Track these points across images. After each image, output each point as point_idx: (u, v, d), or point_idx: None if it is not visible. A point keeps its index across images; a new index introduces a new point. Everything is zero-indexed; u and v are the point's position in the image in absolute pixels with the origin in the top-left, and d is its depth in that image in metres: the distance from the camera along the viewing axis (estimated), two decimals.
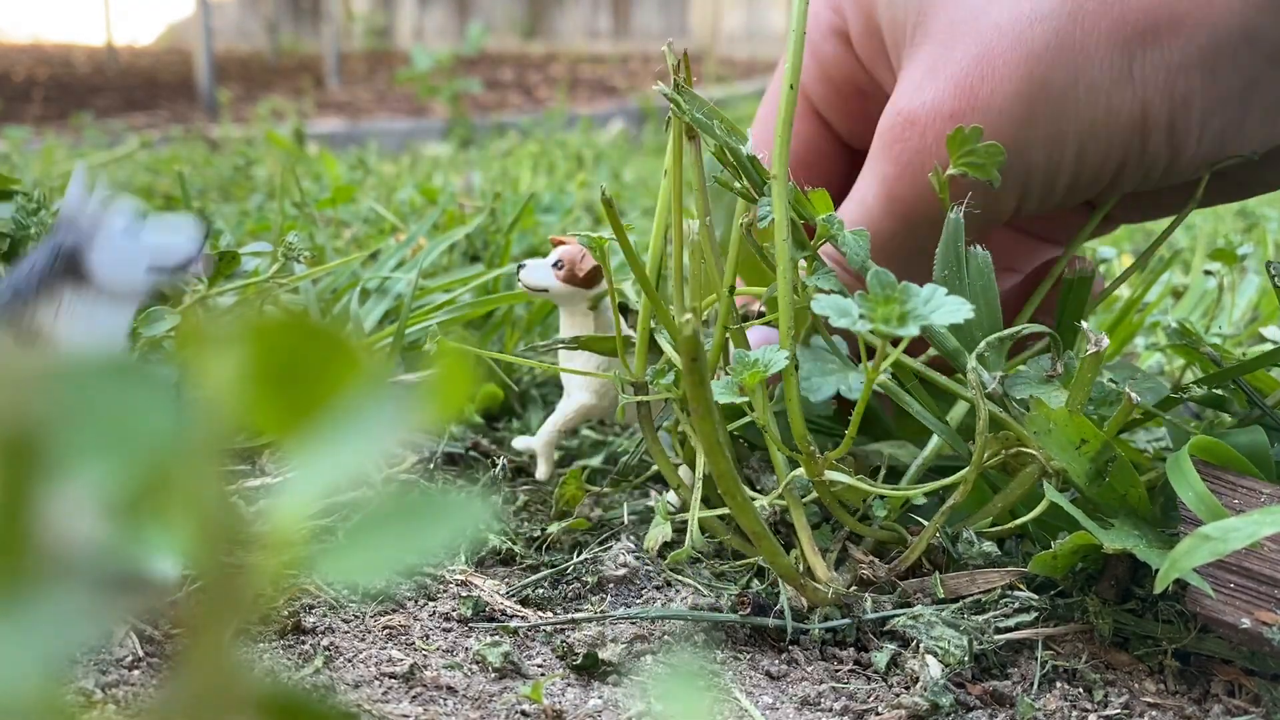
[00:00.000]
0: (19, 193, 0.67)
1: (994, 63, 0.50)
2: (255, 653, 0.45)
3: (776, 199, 0.46)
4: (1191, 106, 0.50)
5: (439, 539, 0.15)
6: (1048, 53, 0.49)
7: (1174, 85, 0.49)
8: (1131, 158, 0.51)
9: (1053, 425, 0.45)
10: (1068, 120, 0.50)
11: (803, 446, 0.47)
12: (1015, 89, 0.50)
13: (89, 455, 0.14)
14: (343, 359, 0.16)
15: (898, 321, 0.40)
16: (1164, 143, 0.51)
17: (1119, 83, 0.49)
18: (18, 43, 8.13)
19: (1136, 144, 0.51)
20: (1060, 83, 0.49)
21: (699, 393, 0.39)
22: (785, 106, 0.46)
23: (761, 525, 0.45)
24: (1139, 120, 0.50)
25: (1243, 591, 0.43)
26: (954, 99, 0.50)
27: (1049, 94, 0.49)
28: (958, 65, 0.50)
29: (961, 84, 0.50)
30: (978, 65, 0.50)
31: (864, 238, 0.47)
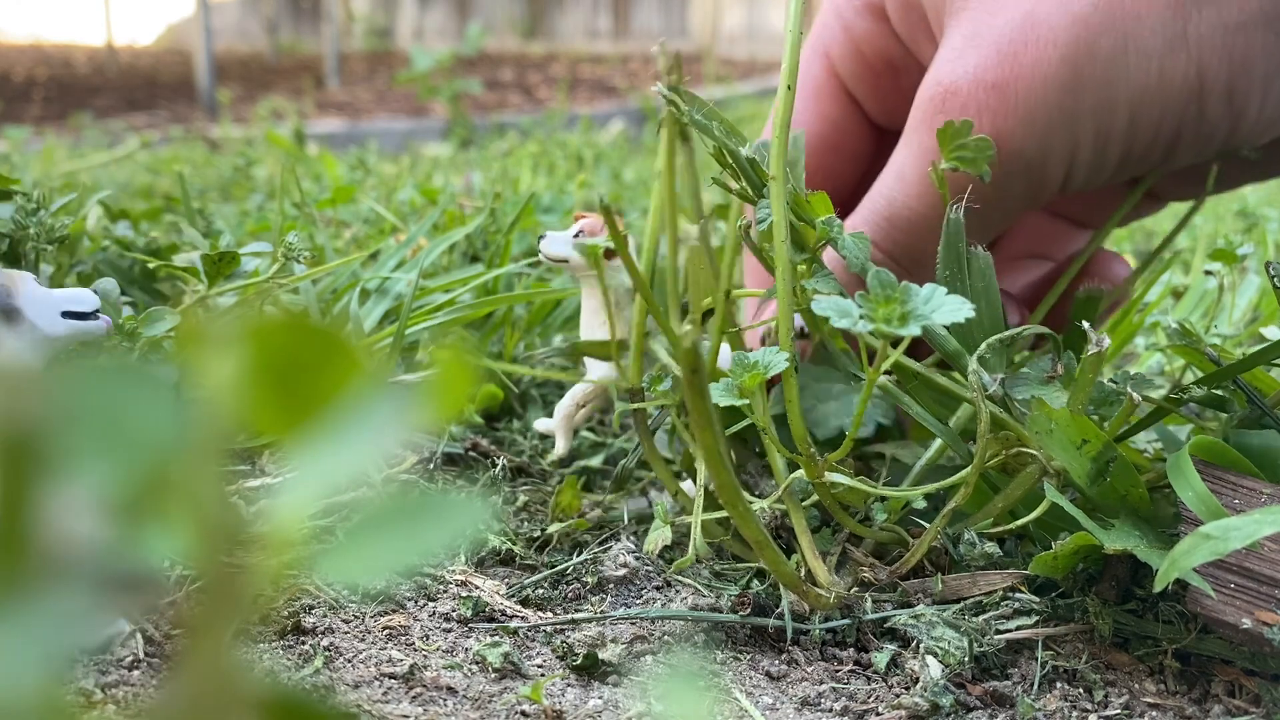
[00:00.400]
0: (19, 193, 0.67)
1: (1038, 28, 0.47)
2: (255, 653, 0.45)
3: (775, 201, 0.45)
4: (1253, 69, 0.47)
5: (439, 539, 0.15)
6: (1095, 15, 0.47)
7: (1232, 47, 0.46)
8: (1188, 126, 0.48)
9: (1054, 426, 0.45)
10: (1118, 87, 0.47)
11: (803, 448, 0.47)
12: (1061, 55, 0.47)
13: (89, 455, 0.14)
14: (343, 359, 0.16)
15: (899, 321, 0.40)
16: (1223, 109, 0.48)
17: (1172, 46, 0.46)
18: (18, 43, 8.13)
19: (1194, 111, 0.48)
20: (1108, 48, 0.47)
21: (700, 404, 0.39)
22: (782, 108, 0.46)
23: (764, 534, 0.45)
24: (1195, 86, 0.47)
25: (1243, 591, 0.43)
26: (997, 66, 0.48)
27: (1096, 60, 0.47)
28: (1000, 31, 0.48)
29: (1005, 51, 0.48)
30: (1021, 31, 0.47)
31: (864, 241, 0.47)
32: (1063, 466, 0.46)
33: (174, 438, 0.14)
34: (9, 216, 0.64)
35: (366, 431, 0.15)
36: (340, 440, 0.15)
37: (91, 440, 0.14)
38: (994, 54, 0.48)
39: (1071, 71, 0.47)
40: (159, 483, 0.14)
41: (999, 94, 0.48)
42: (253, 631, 0.46)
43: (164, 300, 0.80)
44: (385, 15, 8.97)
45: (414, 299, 0.72)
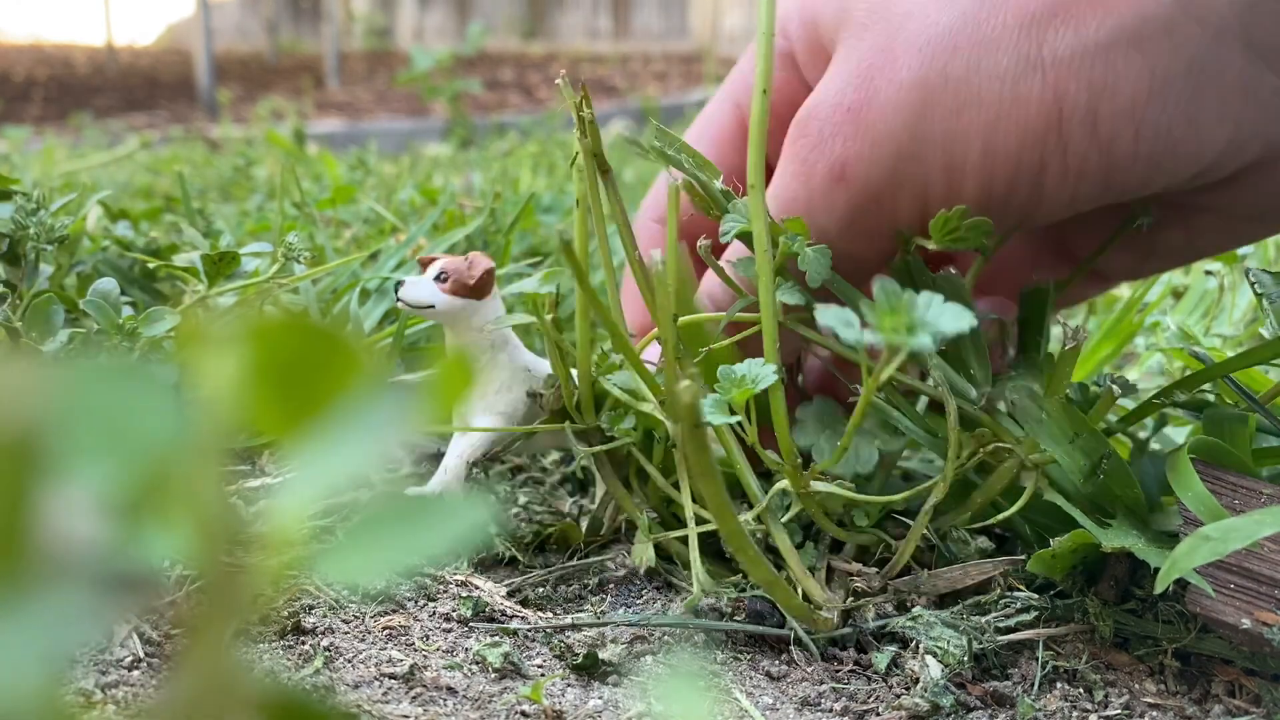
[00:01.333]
0: (19, 193, 0.67)
1: (895, 51, 0.45)
2: (255, 653, 0.45)
3: (754, 211, 0.45)
4: (1119, 93, 0.43)
5: (439, 540, 0.15)
6: (949, 37, 0.44)
7: (1093, 67, 0.43)
8: (1051, 157, 0.44)
9: (1045, 415, 0.45)
10: (969, 114, 0.44)
11: (788, 460, 0.47)
12: (911, 78, 0.45)
13: (89, 455, 0.14)
14: (343, 359, 0.16)
15: (907, 332, 0.39)
16: (1088, 138, 0.44)
17: (1027, 67, 0.43)
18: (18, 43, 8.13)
19: (1054, 139, 0.44)
20: (959, 71, 0.44)
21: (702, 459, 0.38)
22: (759, 113, 0.45)
23: (773, 574, 0.44)
24: (1053, 110, 0.44)
25: (1243, 592, 0.43)
26: (854, 90, 0.46)
27: (947, 84, 0.44)
28: (860, 55, 0.46)
29: (862, 74, 0.46)
30: (880, 54, 0.46)
31: (825, 254, 0.46)
32: (1046, 459, 0.46)
33: (174, 438, 0.14)
34: (9, 216, 0.64)
35: (366, 432, 0.15)
36: (340, 440, 0.15)
37: (91, 440, 0.14)
38: (853, 78, 0.46)
39: (921, 96, 0.45)
40: (159, 483, 0.14)
41: (852, 117, 0.46)
42: (253, 631, 0.46)
43: (164, 300, 0.80)
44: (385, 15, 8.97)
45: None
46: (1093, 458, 0.46)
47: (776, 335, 0.46)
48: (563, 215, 1.21)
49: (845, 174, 0.47)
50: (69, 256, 0.79)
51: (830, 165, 0.47)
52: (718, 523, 0.42)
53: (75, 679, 0.41)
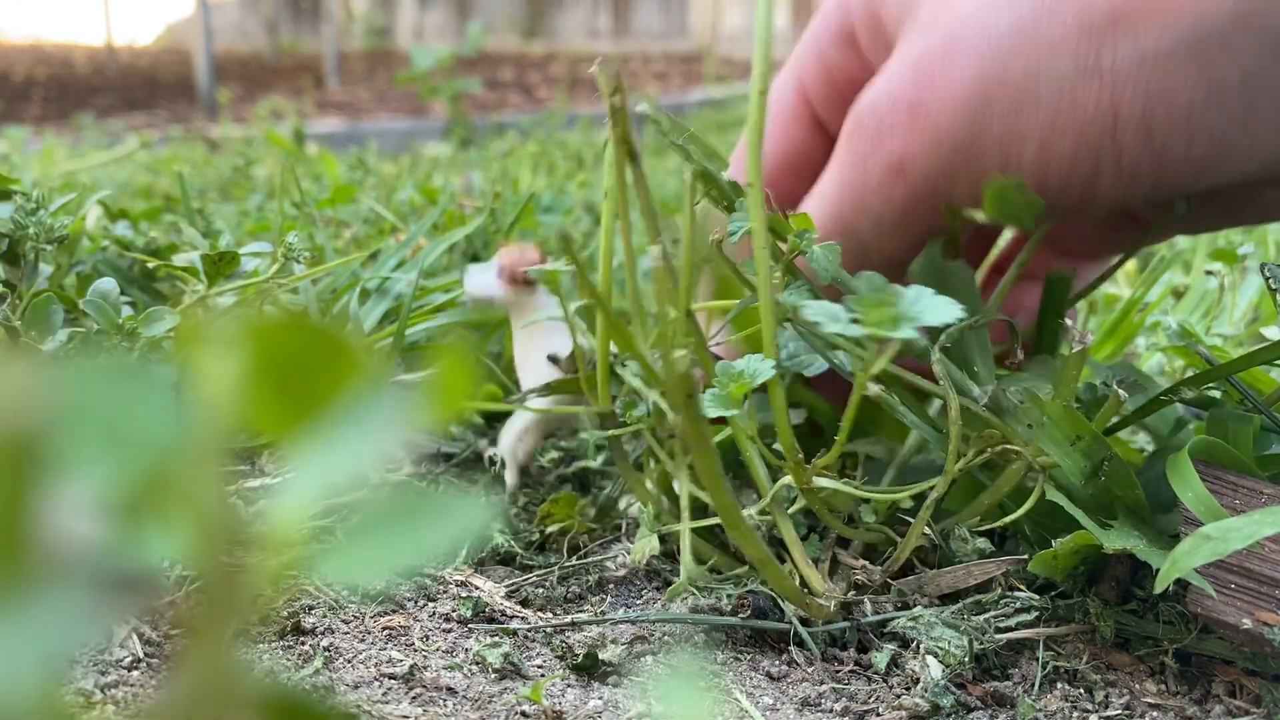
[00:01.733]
0: (18, 193, 0.66)
1: (954, 50, 0.46)
2: (255, 653, 0.45)
3: (753, 209, 0.45)
4: (1175, 102, 0.44)
5: (439, 540, 0.15)
6: (1009, 39, 0.45)
7: (1150, 77, 0.44)
8: (1105, 160, 0.46)
9: (1046, 419, 0.45)
10: (1027, 115, 0.46)
11: (790, 455, 0.47)
12: (971, 77, 0.46)
13: (89, 455, 0.14)
14: (343, 359, 0.16)
15: (890, 324, 0.40)
16: (1143, 144, 0.45)
17: (1085, 74, 0.45)
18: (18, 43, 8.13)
19: (1109, 144, 0.45)
20: (1018, 73, 0.45)
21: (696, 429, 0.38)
22: (755, 114, 0.45)
23: (766, 552, 0.45)
24: (1108, 116, 0.45)
25: (1244, 592, 0.43)
26: (914, 87, 0.47)
27: (1006, 85, 0.45)
28: (922, 51, 0.48)
29: (922, 72, 0.47)
30: (940, 52, 0.47)
31: (834, 251, 0.47)
32: (1051, 462, 0.46)
33: (174, 438, 0.14)
34: (9, 216, 0.64)
35: (366, 432, 0.15)
36: (340, 440, 0.15)
37: (91, 440, 0.14)
38: (912, 74, 0.47)
39: (981, 95, 0.46)
40: (159, 483, 0.14)
41: (910, 114, 0.47)
42: (253, 631, 0.46)
43: (164, 300, 0.80)
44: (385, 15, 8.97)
45: (414, 299, 0.72)
46: (1094, 460, 0.46)
47: (776, 332, 0.46)
48: (562, 215, 1.21)
49: (904, 168, 0.48)
50: (68, 256, 0.79)
51: (889, 159, 0.48)
52: (711, 497, 0.42)
53: (75, 679, 0.41)
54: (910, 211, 0.49)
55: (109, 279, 0.59)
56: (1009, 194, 0.46)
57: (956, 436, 0.46)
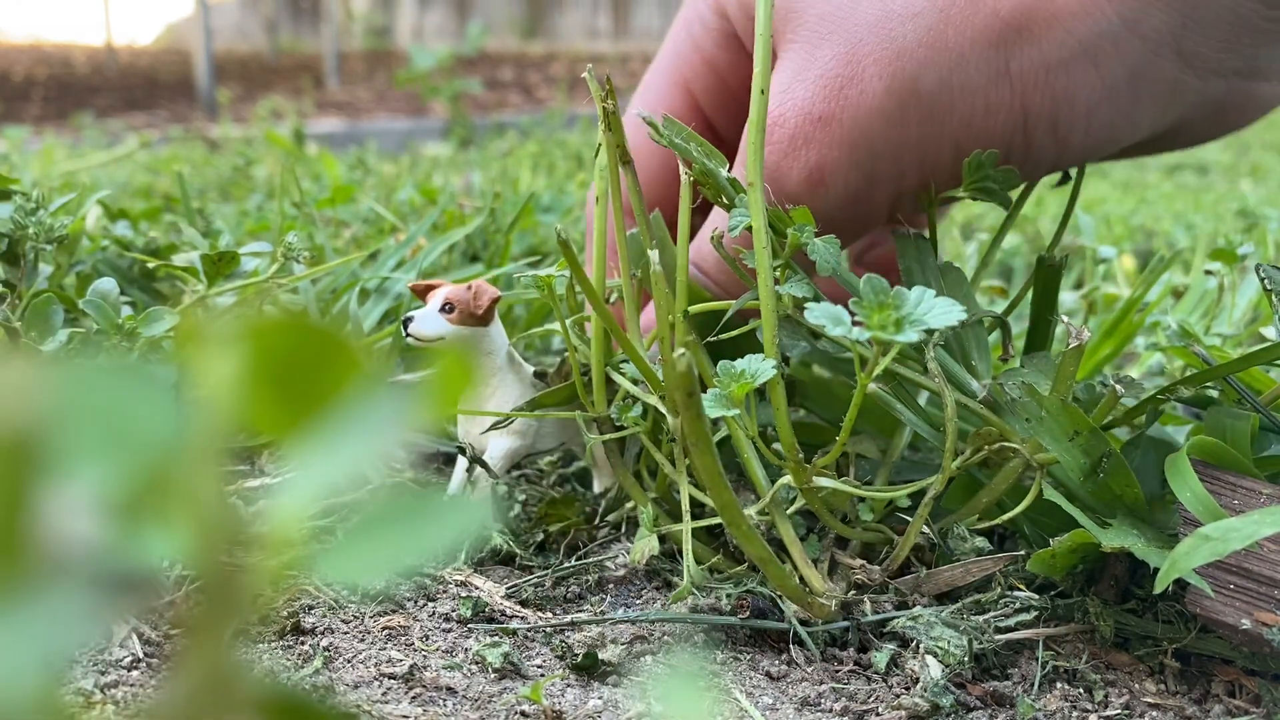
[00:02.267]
0: (18, 193, 0.66)
1: (862, 62, 0.48)
2: (255, 653, 0.45)
3: (754, 208, 0.45)
4: (1075, 101, 0.48)
5: (439, 540, 0.15)
6: (918, 51, 0.47)
7: (1054, 82, 0.48)
8: (1015, 155, 0.49)
9: (1044, 413, 0.45)
10: (942, 121, 0.48)
11: (790, 455, 0.47)
12: (884, 88, 0.48)
13: (88, 455, 0.14)
14: (342, 359, 0.16)
15: (894, 327, 0.40)
16: (1049, 140, 0.49)
17: (995, 82, 0.48)
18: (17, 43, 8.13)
19: (1019, 141, 0.49)
20: (931, 83, 0.48)
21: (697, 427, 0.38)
22: (757, 111, 0.45)
23: (767, 550, 0.45)
24: (1019, 120, 0.48)
25: (1243, 592, 0.43)
26: (823, 101, 0.48)
27: (920, 94, 0.48)
28: (824, 65, 0.49)
29: (830, 85, 0.48)
30: (845, 65, 0.48)
31: (834, 244, 0.47)
32: (1050, 458, 0.46)
33: (174, 438, 0.14)
34: (9, 216, 0.64)
35: (366, 432, 0.15)
36: (340, 440, 0.15)
37: (91, 440, 0.14)
38: (819, 88, 0.49)
39: (896, 105, 0.48)
40: (159, 483, 0.14)
41: (824, 126, 0.48)
42: (253, 631, 0.46)
43: (163, 300, 0.80)
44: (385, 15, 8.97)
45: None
46: (1092, 456, 0.46)
47: (776, 331, 0.46)
48: (561, 215, 1.21)
49: (823, 179, 0.50)
50: (68, 256, 0.79)
51: (807, 172, 0.50)
52: (711, 495, 0.42)
53: (75, 679, 0.41)
54: (830, 218, 0.50)
55: (109, 279, 0.59)
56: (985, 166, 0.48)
57: (953, 434, 0.46)
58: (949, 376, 0.49)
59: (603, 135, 0.49)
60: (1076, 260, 1.19)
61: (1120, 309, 0.80)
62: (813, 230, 0.47)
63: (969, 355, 0.51)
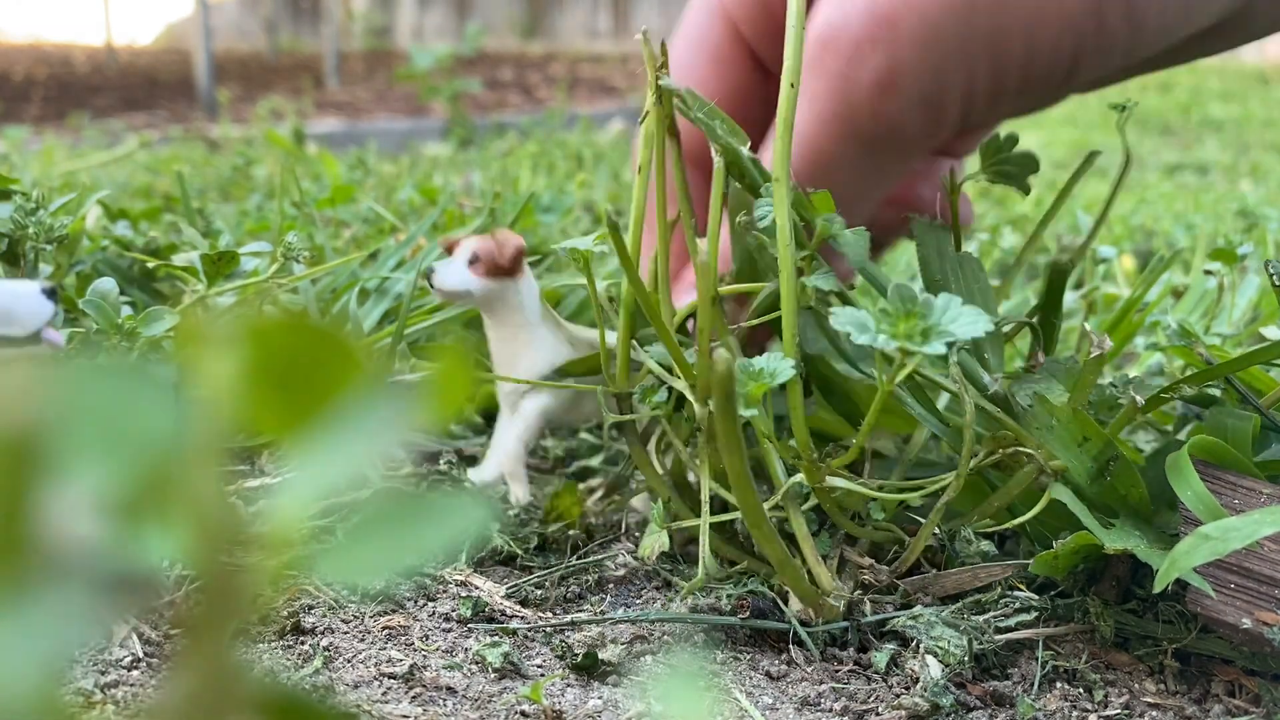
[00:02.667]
0: (18, 193, 0.66)
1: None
2: (255, 653, 0.45)
3: (778, 203, 0.45)
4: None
5: (439, 540, 0.15)
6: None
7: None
8: (1087, 43, 0.47)
9: (1055, 422, 0.45)
10: (1011, 11, 0.46)
11: (805, 454, 0.47)
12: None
13: (89, 455, 0.14)
14: (342, 359, 0.16)
15: (920, 337, 0.39)
16: (1122, 20, 0.47)
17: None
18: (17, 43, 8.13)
19: (1092, 27, 0.47)
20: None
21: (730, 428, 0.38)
22: (785, 108, 0.45)
23: (786, 553, 0.44)
24: (1094, 3, 0.46)
25: (1243, 592, 0.43)
26: (886, 1, 0.46)
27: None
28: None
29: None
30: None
31: (863, 235, 0.47)
32: (1061, 465, 0.46)
33: (174, 438, 0.14)
34: (9, 216, 0.64)
35: (366, 432, 0.15)
36: (340, 440, 0.15)
37: (91, 440, 0.14)
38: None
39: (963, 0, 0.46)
40: (159, 483, 0.14)
41: (890, 27, 0.46)
42: (253, 631, 0.46)
43: (163, 300, 0.80)
44: (384, 15, 8.97)
45: (413, 299, 0.72)
46: (1100, 461, 0.46)
47: (797, 329, 0.46)
48: (561, 215, 1.21)
49: (895, 82, 0.47)
50: (68, 256, 0.79)
51: (877, 76, 0.47)
52: (737, 497, 0.42)
53: (75, 679, 0.41)
54: (903, 125, 0.48)
55: (108, 279, 0.59)
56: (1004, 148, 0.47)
57: (970, 438, 0.46)
58: (966, 375, 0.49)
59: (652, 107, 0.47)
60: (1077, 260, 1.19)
61: (1120, 309, 0.80)
62: (842, 221, 0.46)
63: (982, 348, 0.50)
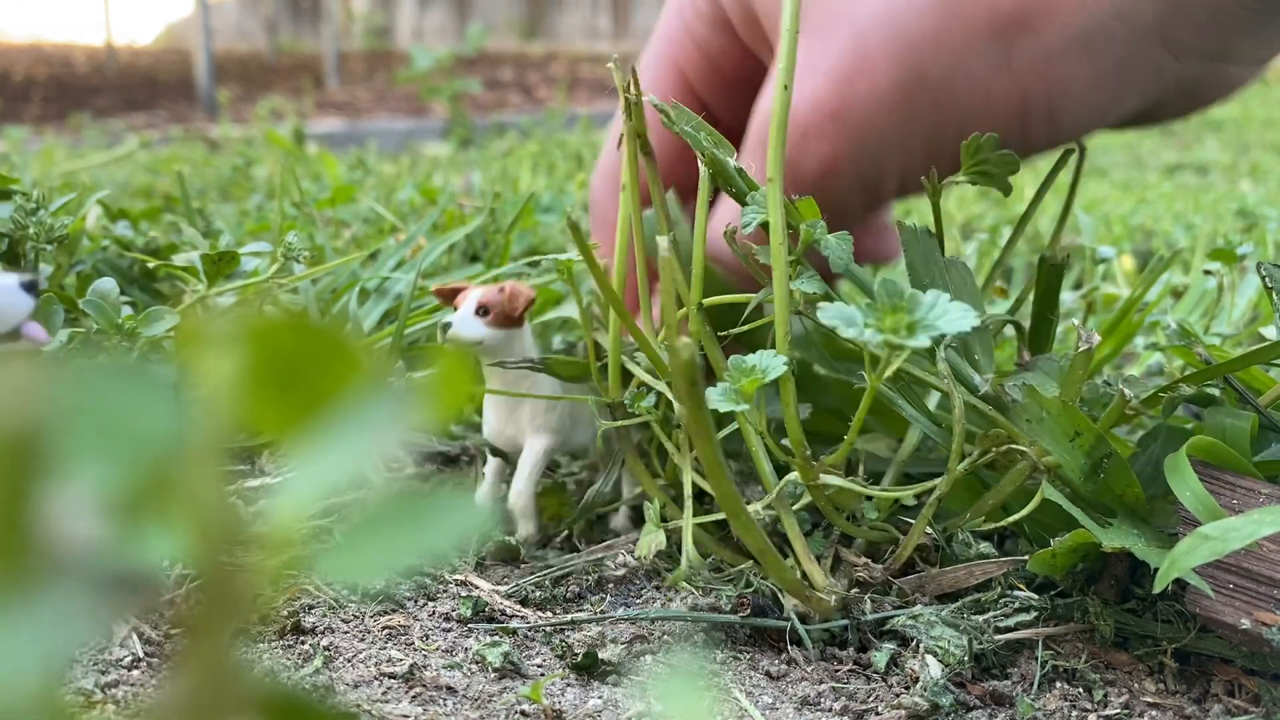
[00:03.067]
0: (18, 193, 0.66)
1: (870, 55, 0.49)
2: (255, 653, 0.45)
3: (772, 204, 0.46)
4: (1070, 88, 0.50)
5: (439, 539, 0.15)
6: (925, 44, 0.49)
7: (1052, 71, 0.50)
8: (1012, 141, 0.51)
9: (1045, 414, 0.45)
10: (947, 110, 0.50)
11: (798, 452, 0.47)
12: (893, 80, 0.49)
13: (89, 455, 0.14)
14: (342, 359, 0.16)
15: (907, 331, 0.40)
16: (1044, 123, 0.51)
17: (997, 72, 0.50)
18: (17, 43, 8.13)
19: (1017, 128, 0.51)
20: (938, 74, 0.49)
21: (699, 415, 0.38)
22: (779, 110, 0.46)
23: (767, 543, 0.45)
24: (1019, 108, 0.51)
25: (1242, 592, 0.43)
26: (834, 94, 0.50)
27: (927, 85, 0.50)
28: (833, 59, 0.50)
29: (839, 79, 0.50)
30: (854, 59, 0.50)
31: (847, 240, 0.47)
32: (1054, 462, 0.46)
33: (174, 438, 0.14)
34: (9, 216, 0.64)
35: (366, 432, 0.15)
36: (340, 440, 0.16)
37: (91, 440, 0.14)
38: (829, 83, 0.50)
39: (904, 97, 0.50)
40: (159, 483, 0.14)
41: (835, 121, 0.50)
42: (253, 631, 0.46)
43: (163, 300, 0.80)
44: (385, 15, 8.97)
45: (413, 299, 0.72)
46: (1093, 457, 0.46)
47: (789, 326, 0.46)
48: (561, 215, 1.21)
49: (837, 169, 0.51)
50: (68, 256, 0.79)
51: (819, 163, 0.51)
52: (712, 485, 0.42)
53: (75, 679, 0.41)
54: (844, 206, 0.53)
55: (109, 279, 0.59)
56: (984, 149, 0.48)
57: (960, 435, 0.46)
58: (955, 375, 0.49)
59: (624, 124, 0.49)
60: (1076, 260, 1.19)
61: (1120, 309, 0.80)
62: (825, 226, 0.47)
63: (972, 350, 0.51)
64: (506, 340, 0.55)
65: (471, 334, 0.54)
